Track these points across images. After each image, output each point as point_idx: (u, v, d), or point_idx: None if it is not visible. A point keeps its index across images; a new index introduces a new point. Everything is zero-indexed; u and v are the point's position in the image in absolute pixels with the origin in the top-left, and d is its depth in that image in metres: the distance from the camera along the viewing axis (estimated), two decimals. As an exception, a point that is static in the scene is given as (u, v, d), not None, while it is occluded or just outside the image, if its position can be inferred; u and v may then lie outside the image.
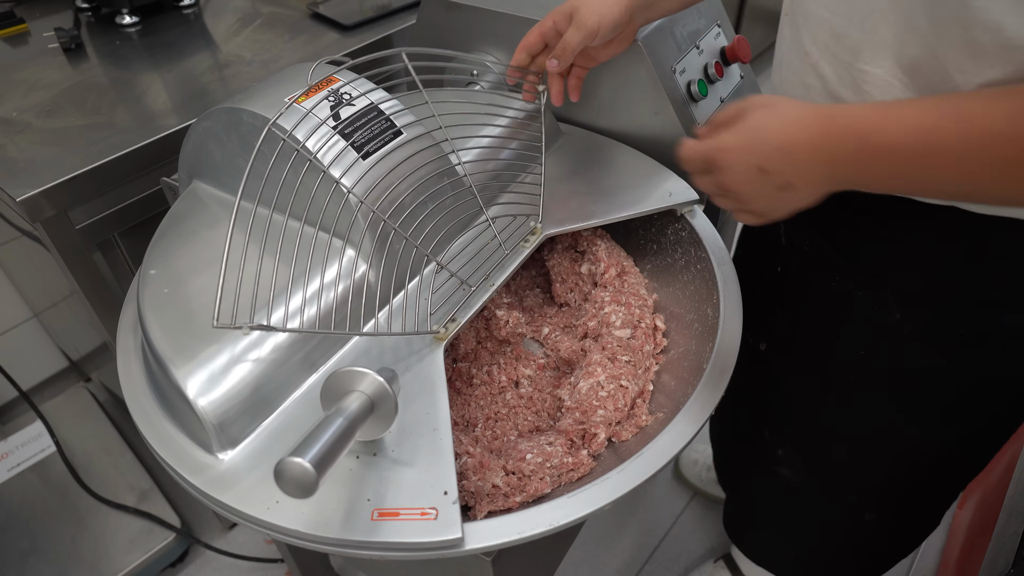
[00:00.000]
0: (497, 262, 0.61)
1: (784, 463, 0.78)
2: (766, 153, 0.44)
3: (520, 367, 0.66)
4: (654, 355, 0.65)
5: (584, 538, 1.25)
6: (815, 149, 0.43)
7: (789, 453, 0.77)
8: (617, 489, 0.48)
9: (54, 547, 1.12)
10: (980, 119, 0.38)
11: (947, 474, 0.70)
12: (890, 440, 0.67)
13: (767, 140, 0.44)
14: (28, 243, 0.86)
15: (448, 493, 0.45)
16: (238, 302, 0.45)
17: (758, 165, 0.45)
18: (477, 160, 0.67)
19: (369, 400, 0.44)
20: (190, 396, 0.48)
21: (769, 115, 0.45)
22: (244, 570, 1.22)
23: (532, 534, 0.46)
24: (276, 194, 0.50)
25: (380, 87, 0.60)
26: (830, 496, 0.76)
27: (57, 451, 1.19)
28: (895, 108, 0.42)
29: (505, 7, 0.80)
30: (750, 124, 0.45)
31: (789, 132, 0.43)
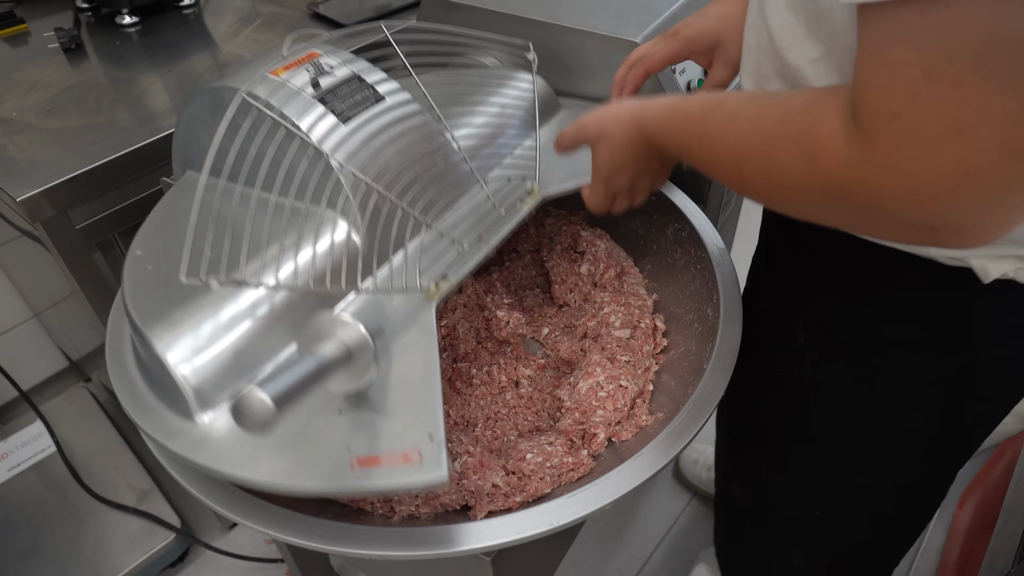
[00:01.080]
0: (492, 223, 0.59)
1: (733, 480, 0.76)
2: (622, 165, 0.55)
3: (520, 367, 0.66)
4: (654, 355, 0.65)
5: (584, 538, 1.25)
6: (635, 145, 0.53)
7: (736, 469, 0.75)
8: (617, 489, 0.48)
9: (54, 547, 1.12)
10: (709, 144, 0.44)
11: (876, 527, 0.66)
12: (807, 473, 0.64)
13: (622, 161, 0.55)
14: (28, 243, 0.86)
15: (433, 437, 0.43)
16: (208, 259, 0.43)
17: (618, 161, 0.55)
18: (468, 128, 0.65)
19: (346, 348, 0.42)
20: (165, 358, 0.46)
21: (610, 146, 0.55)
22: (244, 570, 1.22)
23: (532, 534, 0.46)
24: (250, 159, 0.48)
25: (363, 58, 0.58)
26: (769, 526, 0.74)
27: (57, 451, 1.19)
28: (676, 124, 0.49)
29: (505, 7, 0.80)
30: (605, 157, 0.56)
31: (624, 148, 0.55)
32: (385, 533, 0.47)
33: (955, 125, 0.29)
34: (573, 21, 0.76)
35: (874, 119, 0.32)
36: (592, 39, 0.75)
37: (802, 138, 0.36)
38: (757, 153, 0.40)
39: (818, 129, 0.35)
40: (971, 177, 0.30)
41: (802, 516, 0.68)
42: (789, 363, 0.60)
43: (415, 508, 0.51)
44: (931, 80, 0.29)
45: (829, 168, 0.35)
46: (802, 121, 0.36)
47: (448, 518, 0.52)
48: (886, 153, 0.32)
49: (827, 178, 0.35)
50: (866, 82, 0.32)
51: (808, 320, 0.57)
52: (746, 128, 0.41)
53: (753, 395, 0.67)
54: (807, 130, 0.36)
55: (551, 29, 0.77)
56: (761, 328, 0.62)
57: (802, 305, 0.57)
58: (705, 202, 0.78)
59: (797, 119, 0.37)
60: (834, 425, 0.59)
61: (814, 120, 0.36)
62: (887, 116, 0.31)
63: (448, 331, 0.65)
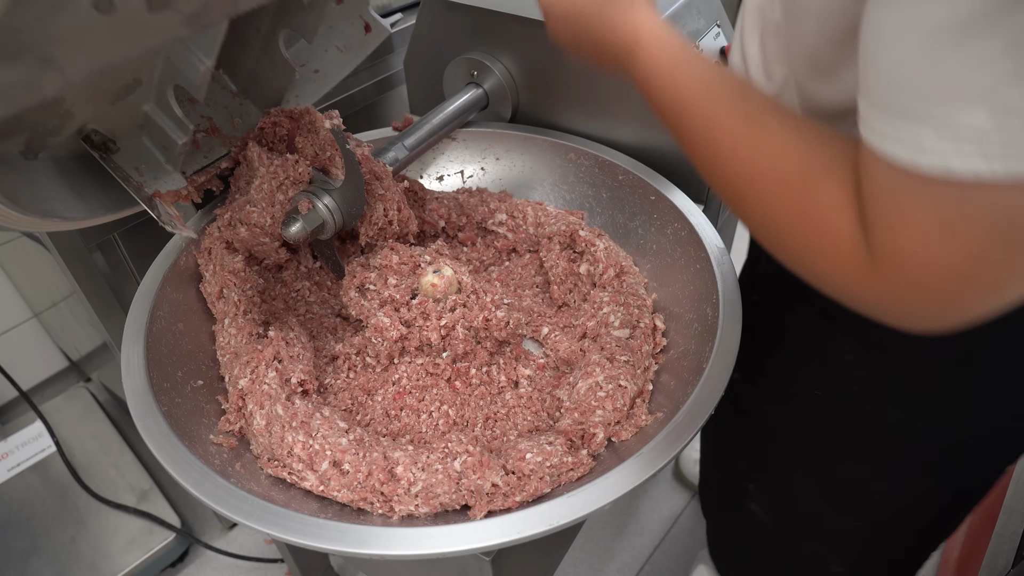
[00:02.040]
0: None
1: (753, 498, 0.75)
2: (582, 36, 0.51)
3: (519, 367, 0.66)
4: (653, 355, 0.65)
5: (584, 538, 1.25)
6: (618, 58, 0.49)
7: (758, 489, 0.75)
8: (617, 489, 0.48)
9: (54, 547, 1.12)
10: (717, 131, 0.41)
11: (915, 532, 0.67)
12: (852, 488, 0.64)
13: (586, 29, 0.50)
14: (28, 243, 0.86)
15: None
16: None
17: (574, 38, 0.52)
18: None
19: None
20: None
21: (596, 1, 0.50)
22: (244, 570, 1.22)
23: (532, 534, 0.46)
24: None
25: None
26: (796, 541, 0.73)
27: (57, 451, 1.19)
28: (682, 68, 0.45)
29: (505, 7, 0.80)
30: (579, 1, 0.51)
31: (605, 34, 0.49)
32: (385, 533, 0.47)
33: (956, 274, 0.31)
34: (573, 21, 0.76)
35: (882, 251, 0.33)
36: (592, 39, 0.75)
37: (814, 215, 0.36)
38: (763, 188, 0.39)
39: (830, 219, 0.35)
40: (963, 312, 0.32)
41: (844, 528, 0.67)
42: (835, 382, 0.59)
43: (414, 508, 0.51)
44: (942, 231, 0.30)
45: (831, 265, 0.35)
46: (819, 195, 0.36)
47: (447, 518, 0.52)
48: (888, 281, 0.33)
49: (825, 270, 0.36)
50: (878, 215, 0.33)
51: (858, 339, 0.56)
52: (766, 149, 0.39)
53: (784, 413, 0.67)
54: (821, 210, 0.36)
55: (551, 29, 0.77)
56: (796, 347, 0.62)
57: (852, 325, 0.55)
58: (705, 202, 0.78)
59: (815, 187, 0.36)
60: (886, 438, 0.59)
61: (830, 204, 0.35)
62: (894, 252, 0.32)
63: (447, 331, 0.65)
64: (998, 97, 0.27)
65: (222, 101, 0.72)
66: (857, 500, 0.65)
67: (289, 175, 0.67)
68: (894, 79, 0.30)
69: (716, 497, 0.91)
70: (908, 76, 0.30)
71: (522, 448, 0.54)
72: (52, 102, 0.52)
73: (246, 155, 0.69)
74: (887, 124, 0.31)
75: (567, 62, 0.78)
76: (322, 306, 0.74)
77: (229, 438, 0.57)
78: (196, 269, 0.69)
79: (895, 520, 0.65)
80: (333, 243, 0.73)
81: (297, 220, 0.65)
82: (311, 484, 0.53)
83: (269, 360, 0.59)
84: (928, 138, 0.29)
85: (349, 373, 0.66)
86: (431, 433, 0.61)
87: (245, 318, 0.64)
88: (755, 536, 0.80)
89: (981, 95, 0.27)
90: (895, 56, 0.30)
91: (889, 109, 0.31)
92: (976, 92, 0.28)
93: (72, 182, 0.59)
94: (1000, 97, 0.27)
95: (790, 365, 0.64)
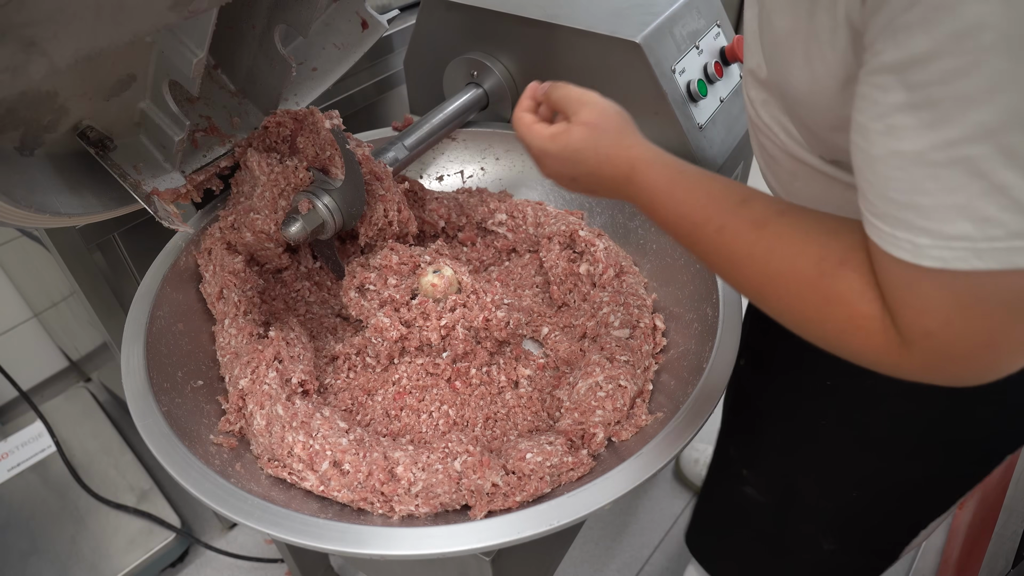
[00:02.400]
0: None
1: (749, 483, 0.77)
2: (579, 171, 0.52)
3: (519, 367, 0.66)
4: (653, 355, 0.65)
5: (584, 538, 1.25)
6: (617, 185, 0.50)
7: (754, 473, 0.76)
8: (617, 489, 0.48)
9: (54, 547, 1.12)
10: (730, 239, 0.43)
11: (909, 509, 0.69)
12: (852, 470, 0.66)
13: (582, 163, 0.51)
14: (28, 243, 0.86)
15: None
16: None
17: (571, 175, 0.53)
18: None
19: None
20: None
21: (588, 139, 0.51)
22: (244, 570, 1.22)
23: (532, 534, 0.46)
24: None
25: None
26: (790, 521, 0.75)
27: (57, 451, 1.19)
28: (684, 188, 0.46)
29: (505, 7, 0.80)
30: (571, 143, 0.51)
31: (602, 165, 0.50)
32: (385, 533, 0.47)
33: (984, 343, 0.34)
34: (573, 21, 0.76)
35: (910, 332, 0.35)
36: (592, 39, 0.75)
37: (839, 305, 0.38)
38: (786, 287, 0.40)
39: (856, 306, 0.37)
40: (995, 371, 0.35)
41: (839, 506, 0.69)
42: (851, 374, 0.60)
43: (415, 508, 0.51)
44: (963, 312, 0.33)
45: (864, 346, 0.38)
46: (840, 285, 0.38)
47: (448, 518, 0.52)
48: (921, 358, 0.36)
49: (859, 353, 0.38)
50: (899, 301, 0.35)
51: None
52: (778, 250, 0.41)
53: (791, 401, 0.68)
54: (844, 299, 0.38)
55: (551, 29, 0.77)
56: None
57: None
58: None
59: (834, 278, 0.38)
60: (894, 428, 0.60)
61: (852, 292, 0.37)
62: (922, 333, 0.35)
63: (447, 331, 0.65)
64: (977, 212, 0.30)
65: (220, 101, 0.72)
66: (855, 483, 0.66)
67: (290, 182, 0.68)
68: (885, 193, 0.34)
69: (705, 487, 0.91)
70: (896, 192, 0.33)
71: (522, 448, 0.54)
72: (45, 96, 0.52)
73: (247, 162, 0.69)
74: (888, 230, 0.34)
75: (567, 62, 0.78)
76: (322, 306, 0.74)
77: (229, 438, 0.57)
78: (196, 269, 0.69)
79: (891, 499, 0.66)
80: (333, 243, 0.73)
81: (297, 220, 0.65)
82: (311, 484, 0.53)
83: (270, 360, 0.59)
84: (925, 245, 0.32)
85: (349, 373, 0.66)
86: (431, 433, 0.61)
87: (245, 318, 0.64)
88: (748, 523, 0.81)
89: (962, 211, 0.31)
90: (882, 173, 0.33)
91: (884, 217, 0.34)
92: (957, 209, 0.31)
93: (69, 179, 0.59)
94: (979, 212, 0.30)
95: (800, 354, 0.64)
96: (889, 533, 0.71)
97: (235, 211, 0.68)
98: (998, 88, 0.29)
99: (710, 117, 0.80)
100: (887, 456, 0.63)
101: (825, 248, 0.39)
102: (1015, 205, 0.30)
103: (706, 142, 0.78)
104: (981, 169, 0.30)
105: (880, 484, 0.65)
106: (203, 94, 0.71)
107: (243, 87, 0.72)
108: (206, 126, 0.70)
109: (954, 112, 0.30)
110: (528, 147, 0.55)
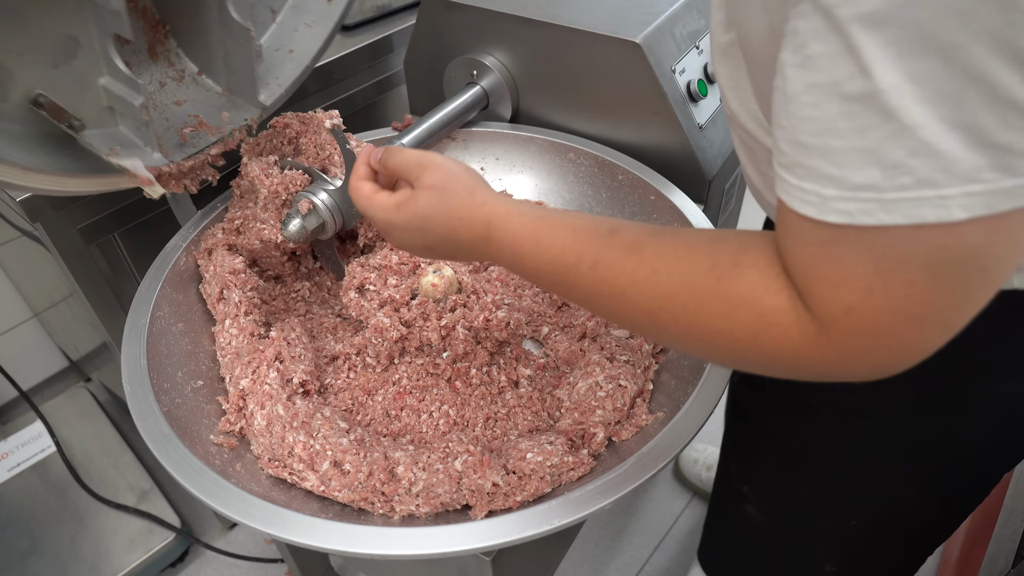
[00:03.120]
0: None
1: (749, 500, 0.76)
2: (432, 239, 0.49)
3: (520, 367, 0.66)
4: (653, 354, 0.65)
5: (584, 538, 1.25)
6: (477, 247, 0.47)
7: (753, 491, 0.75)
8: (617, 489, 0.48)
9: (54, 547, 1.12)
10: (607, 272, 0.40)
11: (911, 534, 0.67)
12: (849, 492, 0.64)
13: (434, 230, 0.48)
14: (28, 243, 0.86)
15: None
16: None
17: (424, 244, 0.50)
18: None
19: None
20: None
21: (437, 204, 0.48)
22: (244, 570, 1.22)
23: (532, 534, 0.46)
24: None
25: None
26: (791, 542, 0.74)
27: (57, 451, 1.19)
28: (548, 235, 0.44)
29: (505, 7, 0.80)
30: (418, 210, 0.48)
31: (456, 228, 0.47)
32: (385, 533, 0.47)
33: (908, 316, 0.31)
34: (573, 21, 0.76)
35: (828, 310, 0.32)
36: (592, 39, 0.75)
37: (743, 307, 0.35)
38: (681, 305, 0.38)
39: (763, 302, 0.35)
40: (918, 351, 0.33)
41: (839, 530, 0.68)
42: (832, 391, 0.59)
43: (415, 507, 0.51)
44: (884, 280, 0.30)
45: (779, 345, 0.35)
46: (740, 286, 0.36)
47: (448, 518, 0.52)
48: (842, 341, 0.33)
49: (775, 353, 0.35)
50: (815, 276, 0.33)
51: None
52: (663, 268, 0.38)
53: (783, 419, 0.67)
54: (748, 299, 0.35)
55: (551, 29, 0.77)
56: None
57: None
58: (705, 202, 0.78)
59: (732, 281, 0.36)
60: (882, 448, 0.59)
61: (755, 289, 0.35)
62: (842, 309, 0.32)
63: (448, 331, 0.65)
64: (886, 157, 0.28)
65: (209, 102, 0.73)
66: (852, 505, 0.65)
67: (290, 191, 0.68)
68: (796, 137, 0.31)
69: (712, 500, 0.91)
70: (808, 134, 0.31)
71: (523, 448, 0.54)
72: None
73: (247, 172, 0.69)
74: (795, 183, 0.32)
75: (567, 62, 0.78)
76: (322, 306, 0.74)
77: (230, 439, 0.57)
78: (196, 269, 0.69)
79: (890, 523, 0.65)
80: (333, 243, 0.73)
81: (297, 220, 0.65)
82: (312, 484, 0.53)
83: (271, 360, 0.59)
84: (831, 197, 0.30)
85: (349, 373, 0.66)
86: (432, 433, 0.61)
87: (247, 318, 0.64)
88: (751, 539, 0.80)
89: (869, 155, 0.29)
90: (796, 113, 0.31)
91: (793, 168, 0.32)
92: (865, 153, 0.29)
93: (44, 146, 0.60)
94: (887, 157, 0.28)
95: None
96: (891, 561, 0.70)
97: (242, 215, 0.69)
98: (907, 4, 0.26)
99: (710, 117, 0.80)
100: (879, 480, 0.62)
101: (715, 255, 0.37)
102: (924, 148, 0.27)
103: (706, 142, 0.78)
104: (890, 105, 0.27)
105: (877, 511, 0.64)
106: (190, 98, 0.72)
107: (228, 84, 0.73)
108: (195, 123, 0.71)
109: (862, 35, 0.27)
110: (372, 220, 0.52)
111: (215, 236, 0.69)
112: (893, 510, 0.63)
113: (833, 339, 0.33)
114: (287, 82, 0.75)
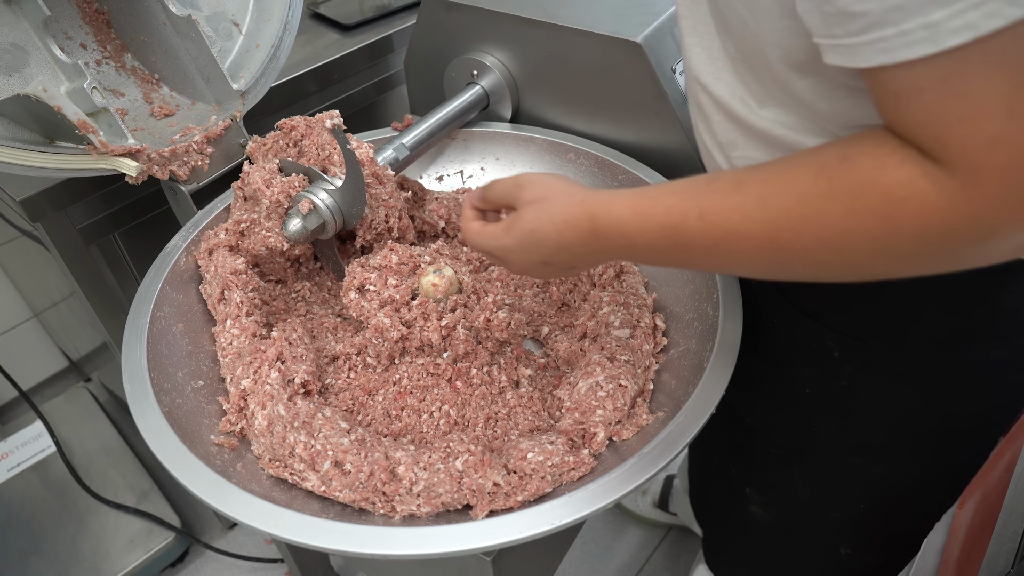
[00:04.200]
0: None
1: (753, 501, 0.76)
2: (546, 252, 0.49)
3: (520, 367, 0.66)
4: (654, 354, 0.65)
5: (584, 538, 1.25)
6: (588, 245, 0.47)
7: (757, 491, 0.76)
8: (617, 489, 0.48)
9: (54, 547, 1.12)
10: (716, 217, 0.39)
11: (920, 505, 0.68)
12: (853, 477, 0.65)
13: (544, 241, 0.48)
14: (28, 243, 0.86)
15: None
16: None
17: (541, 260, 0.50)
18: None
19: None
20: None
21: (541, 215, 0.48)
22: (244, 570, 1.22)
23: (532, 534, 0.46)
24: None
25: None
26: (801, 533, 0.74)
27: (57, 451, 1.19)
28: (649, 205, 0.43)
29: (505, 7, 0.80)
30: (525, 227, 0.49)
31: (563, 232, 0.47)
32: (386, 533, 0.47)
33: None
34: (573, 21, 0.76)
35: (970, 155, 0.30)
36: (592, 39, 0.75)
37: (864, 194, 0.33)
38: (799, 218, 0.35)
39: (885, 181, 0.32)
40: None
41: (848, 513, 0.69)
42: (824, 378, 0.60)
43: (416, 507, 0.51)
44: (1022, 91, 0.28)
45: (921, 218, 0.32)
46: (854, 176, 0.33)
47: (448, 518, 0.52)
48: (997, 180, 0.29)
49: (921, 229, 0.32)
50: (944, 122, 0.30)
51: (842, 334, 0.56)
52: (770, 192, 0.36)
53: (778, 415, 0.68)
54: (867, 184, 0.33)
55: (551, 29, 0.77)
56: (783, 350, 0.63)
57: (835, 321, 0.56)
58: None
59: (844, 175, 0.34)
60: (878, 428, 0.60)
61: (871, 172, 0.33)
62: (986, 145, 0.29)
63: (448, 331, 0.65)
64: None
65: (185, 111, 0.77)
66: (857, 488, 0.66)
67: (290, 196, 0.68)
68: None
69: (713, 507, 0.91)
70: None
71: (523, 448, 0.54)
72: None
73: (250, 180, 0.69)
74: (893, 32, 0.29)
75: (567, 62, 0.78)
76: (322, 306, 0.74)
77: (230, 439, 0.57)
78: (196, 270, 0.69)
79: (898, 500, 0.66)
80: (333, 243, 0.73)
81: (297, 219, 0.65)
82: (312, 484, 0.53)
83: (272, 360, 0.59)
84: (941, 20, 0.27)
85: (350, 373, 0.66)
86: (432, 433, 0.61)
87: (248, 319, 0.64)
88: (760, 536, 0.80)
89: None
90: None
91: (883, 23, 0.29)
92: None
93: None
94: None
95: (779, 367, 0.65)
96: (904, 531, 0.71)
97: (248, 219, 0.69)
98: None
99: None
100: (882, 459, 0.63)
101: (818, 160, 0.35)
102: None
103: (706, 142, 0.78)
104: None
105: (884, 490, 0.65)
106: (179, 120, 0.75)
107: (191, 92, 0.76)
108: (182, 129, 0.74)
109: None
110: (488, 252, 0.52)
111: (216, 236, 0.69)
112: (900, 488, 0.64)
113: (985, 185, 0.30)
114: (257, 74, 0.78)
